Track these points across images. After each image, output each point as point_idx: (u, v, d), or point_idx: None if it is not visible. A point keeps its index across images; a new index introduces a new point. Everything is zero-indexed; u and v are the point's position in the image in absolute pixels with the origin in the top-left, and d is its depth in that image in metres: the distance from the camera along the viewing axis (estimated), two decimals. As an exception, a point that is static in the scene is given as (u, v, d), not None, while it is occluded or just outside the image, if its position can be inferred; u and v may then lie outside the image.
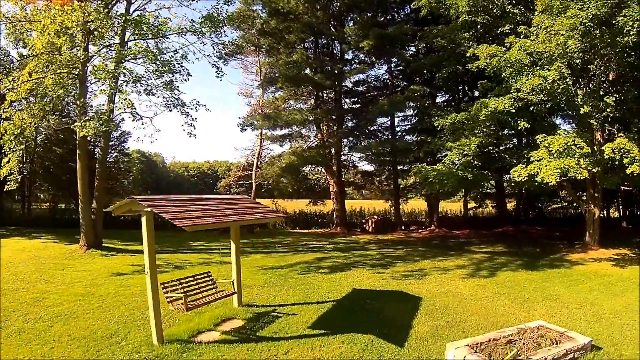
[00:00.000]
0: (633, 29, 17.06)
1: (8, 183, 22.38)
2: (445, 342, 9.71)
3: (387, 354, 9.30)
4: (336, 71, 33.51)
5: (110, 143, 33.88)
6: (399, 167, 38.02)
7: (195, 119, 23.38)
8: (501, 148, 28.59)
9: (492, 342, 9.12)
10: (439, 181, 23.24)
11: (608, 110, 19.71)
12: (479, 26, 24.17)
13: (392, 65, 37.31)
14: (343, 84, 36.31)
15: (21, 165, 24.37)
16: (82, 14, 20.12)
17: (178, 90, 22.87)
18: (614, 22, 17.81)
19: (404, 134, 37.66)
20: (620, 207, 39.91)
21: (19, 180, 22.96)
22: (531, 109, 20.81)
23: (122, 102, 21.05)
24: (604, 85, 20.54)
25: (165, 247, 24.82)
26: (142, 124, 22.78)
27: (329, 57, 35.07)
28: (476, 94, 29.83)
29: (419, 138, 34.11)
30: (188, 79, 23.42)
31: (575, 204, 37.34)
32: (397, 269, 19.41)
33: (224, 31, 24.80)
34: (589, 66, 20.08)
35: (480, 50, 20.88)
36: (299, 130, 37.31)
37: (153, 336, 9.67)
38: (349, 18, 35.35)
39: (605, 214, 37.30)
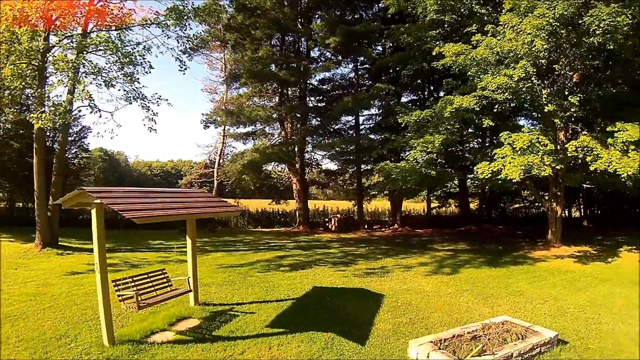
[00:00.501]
0: (599, 29, 17.05)
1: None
2: (408, 339, 9.33)
3: (347, 352, 8.85)
4: (302, 68, 33.00)
5: (69, 138, 32.74)
6: (362, 167, 37.87)
7: (157, 113, 22.59)
8: (465, 146, 28.59)
9: (456, 338, 8.78)
10: (402, 178, 23.05)
11: (572, 109, 19.69)
12: (446, 25, 24.06)
13: (358, 64, 37.10)
14: (308, 81, 35.88)
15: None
16: (43, 1, 19.17)
17: (138, 83, 22.09)
18: (580, 22, 17.83)
19: (368, 132, 37.35)
20: (582, 206, 40.47)
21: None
22: (496, 107, 20.77)
23: (80, 93, 20.13)
24: (569, 85, 20.55)
25: (123, 246, 23.87)
26: (100, 116, 21.83)
27: (295, 54, 34.60)
28: (441, 94, 29.73)
29: (383, 136, 33.84)
30: (150, 72, 22.65)
31: (537, 204, 37.75)
32: (359, 266, 18.98)
33: (189, 24, 24.03)
34: (554, 66, 20.07)
35: (446, 49, 20.76)
36: (262, 128, 36.73)
37: (104, 337, 8.98)
38: (317, 15, 34.98)
39: (567, 214, 37.75)
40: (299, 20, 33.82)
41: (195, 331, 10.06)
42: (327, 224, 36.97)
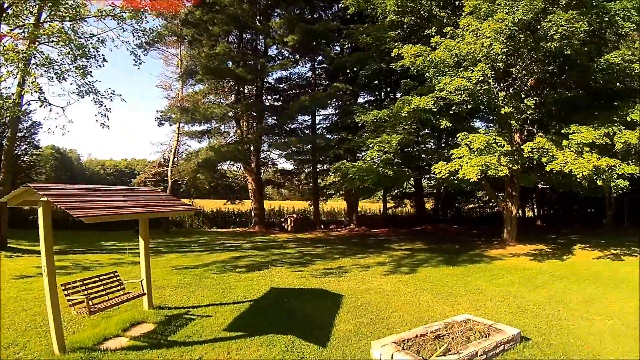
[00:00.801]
0: (557, 34, 17.40)
1: None
2: (370, 339, 9.08)
3: (309, 355, 8.52)
4: (259, 66, 32.48)
5: (19, 134, 31.40)
6: (318, 166, 37.64)
7: (109, 109, 21.70)
8: (422, 147, 28.72)
9: (419, 338, 8.55)
10: (360, 177, 23.01)
11: (528, 112, 20.01)
12: (405, 26, 24.11)
13: (316, 63, 36.85)
14: (265, 79, 35.50)
15: None
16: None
17: (91, 76, 21.18)
18: (538, 27, 18.16)
19: (324, 131, 37.12)
20: (535, 206, 41.36)
21: None
22: (453, 108, 20.88)
23: (29, 85, 19.10)
24: (525, 88, 20.84)
25: (75, 248, 22.73)
26: (51, 110, 20.83)
27: (253, 52, 34.09)
28: (398, 95, 29.91)
29: (339, 136, 33.63)
30: (103, 65, 21.71)
31: (491, 204, 38.40)
32: (317, 267, 18.64)
33: (145, 17, 23.19)
34: (511, 69, 20.34)
35: (405, 50, 20.83)
36: (218, 126, 36.05)
37: (54, 344, 8.35)
38: (276, 13, 34.63)
39: (521, 213, 38.39)
40: (258, 17, 33.45)
41: (149, 336, 9.51)
42: (283, 224, 36.61)
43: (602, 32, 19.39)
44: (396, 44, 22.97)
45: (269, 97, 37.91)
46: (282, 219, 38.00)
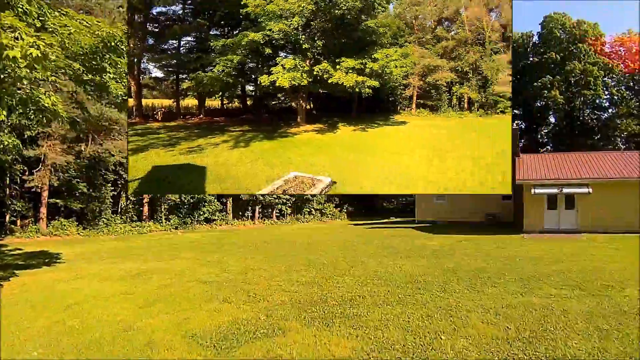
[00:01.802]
0: (345, 6, 18.03)
1: None
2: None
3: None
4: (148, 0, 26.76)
5: None
6: (180, 75, 33.13)
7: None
8: (249, 65, 26.74)
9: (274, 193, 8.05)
10: (210, 83, 22.01)
11: (318, 48, 20.08)
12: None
13: (186, 4, 31.04)
14: (150, 12, 29.31)
15: None
16: None
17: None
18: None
19: (186, 51, 32.35)
20: (302, 101, 41.49)
21: None
22: (273, 42, 19.94)
23: None
24: (317, 34, 20.31)
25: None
26: None
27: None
28: (236, 32, 26.90)
29: (197, 55, 29.72)
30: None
31: (287, 101, 37.69)
32: (182, 147, 16.02)
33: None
34: (311, 22, 19.79)
35: (249, 1, 19.03)
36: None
37: None
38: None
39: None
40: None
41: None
42: (155, 116, 32.00)
43: (367, 8, 20.13)
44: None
45: (150, 24, 31.74)
46: (154, 112, 33.24)
